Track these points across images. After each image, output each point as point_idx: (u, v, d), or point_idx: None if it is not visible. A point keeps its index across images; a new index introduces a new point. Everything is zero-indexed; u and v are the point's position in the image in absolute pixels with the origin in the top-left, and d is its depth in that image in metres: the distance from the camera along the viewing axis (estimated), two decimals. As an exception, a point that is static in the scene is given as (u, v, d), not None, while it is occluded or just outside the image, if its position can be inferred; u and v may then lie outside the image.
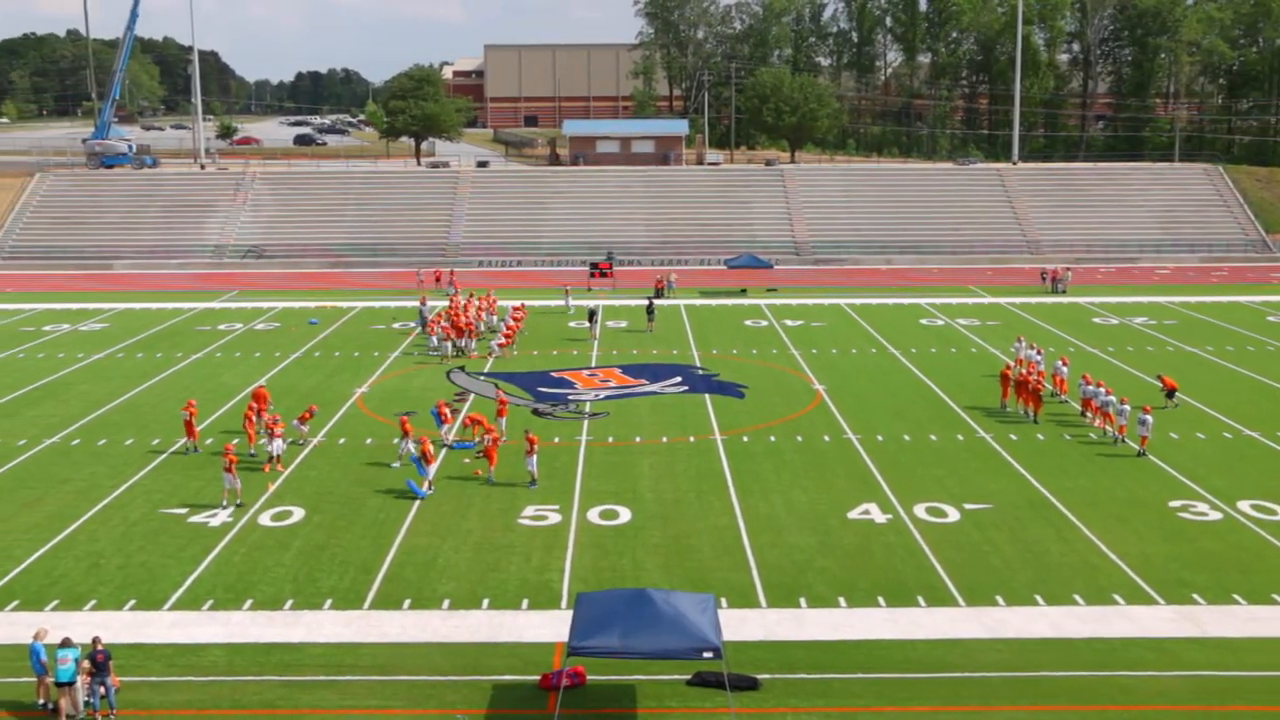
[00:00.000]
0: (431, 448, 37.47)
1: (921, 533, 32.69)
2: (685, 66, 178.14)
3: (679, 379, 52.07)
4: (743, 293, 77.31)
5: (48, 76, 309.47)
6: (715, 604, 24.03)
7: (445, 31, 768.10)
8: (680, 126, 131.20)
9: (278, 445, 38.82)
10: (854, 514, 34.31)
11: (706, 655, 21.92)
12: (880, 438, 42.29)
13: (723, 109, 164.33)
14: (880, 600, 28.26)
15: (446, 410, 42.44)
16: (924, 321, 66.21)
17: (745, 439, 42.31)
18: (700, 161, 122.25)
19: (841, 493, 36.23)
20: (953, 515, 34.10)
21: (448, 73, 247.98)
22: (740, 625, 26.66)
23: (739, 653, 25.12)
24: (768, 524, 33.51)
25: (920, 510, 34.50)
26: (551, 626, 26.81)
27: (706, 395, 49.00)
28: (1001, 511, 34.41)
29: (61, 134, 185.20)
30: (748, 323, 66.27)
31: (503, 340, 57.78)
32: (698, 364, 55.36)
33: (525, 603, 28.30)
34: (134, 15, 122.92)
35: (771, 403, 47.66)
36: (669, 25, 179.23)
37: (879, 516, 34.10)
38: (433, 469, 37.02)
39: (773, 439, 42.27)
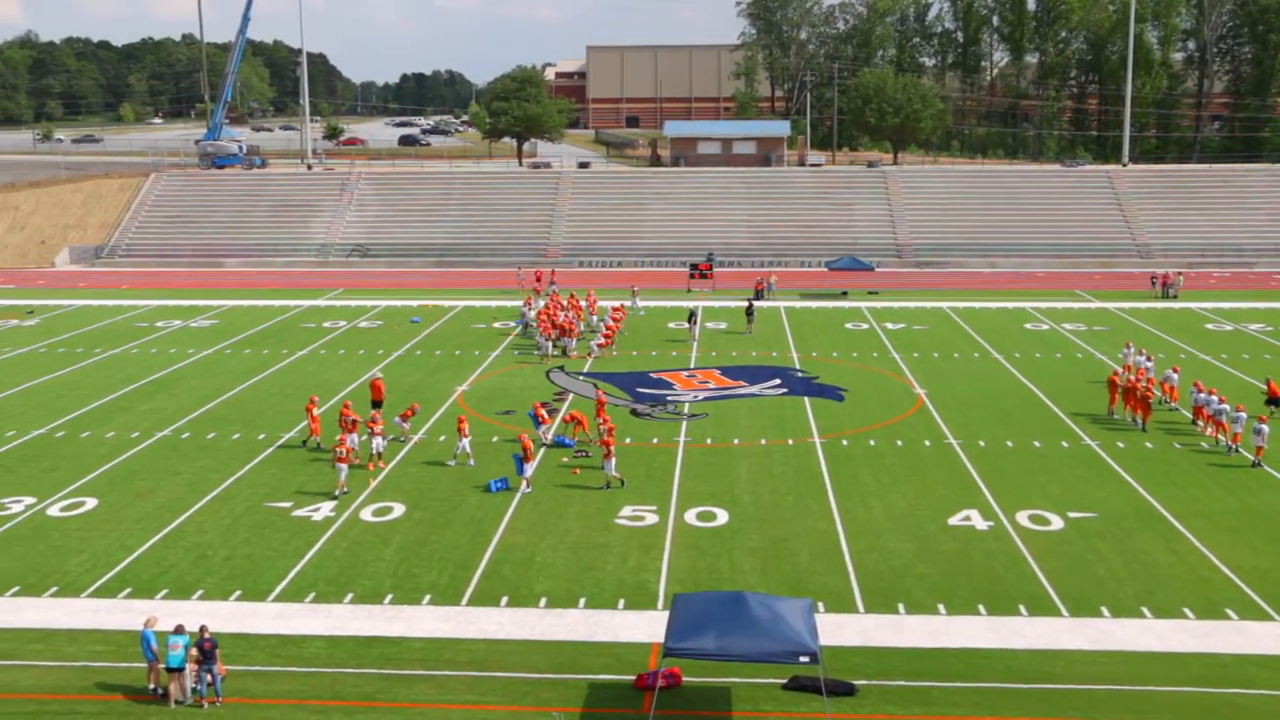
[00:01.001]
0: (532, 445, 37.67)
1: (1024, 540, 32.10)
2: (787, 67, 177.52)
3: (778, 381, 51.79)
4: (843, 295, 76.67)
5: (163, 80, 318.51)
6: (812, 608, 23.84)
7: (548, 32, 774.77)
8: (782, 128, 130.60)
9: (378, 443, 39.36)
10: (954, 520, 33.81)
11: (803, 660, 21.75)
12: (982, 443, 41.63)
13: (825, 110, 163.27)
14: (980, 608, 27.80)
15: (543, 411, 42.63)
16: (1029, 326, 65.07)
17: (844, 442, 41.93)
18: (802, 163, 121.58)
19: (941, 498, 35.73)
20: (1056, 523, 33.44)
21: (550, 74, 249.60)
22: (837, 630, 26.43)
23: (836, 658, 24.90)
24: (866, 528, 33.17)
25: (1023, 518, 33.88)
26: (647, 627, 26.82)
27: (805, 398, 48.67)
28: (1107, 521, 33.64)
29: (175, 135, 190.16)
30: (848, 325, 65.70)
31: (602, 340, 57.96)
32: (797, 366, 55.02)
33: (621, 603, 28.35)
34: (246, 19, 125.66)
35: (871, 406, 47.18)
36: (771, 26, 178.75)
37: (980, 523, 33.55)
38: (531, 468, 37.18)
39: (872, 443, 41.84)
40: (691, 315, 62.42)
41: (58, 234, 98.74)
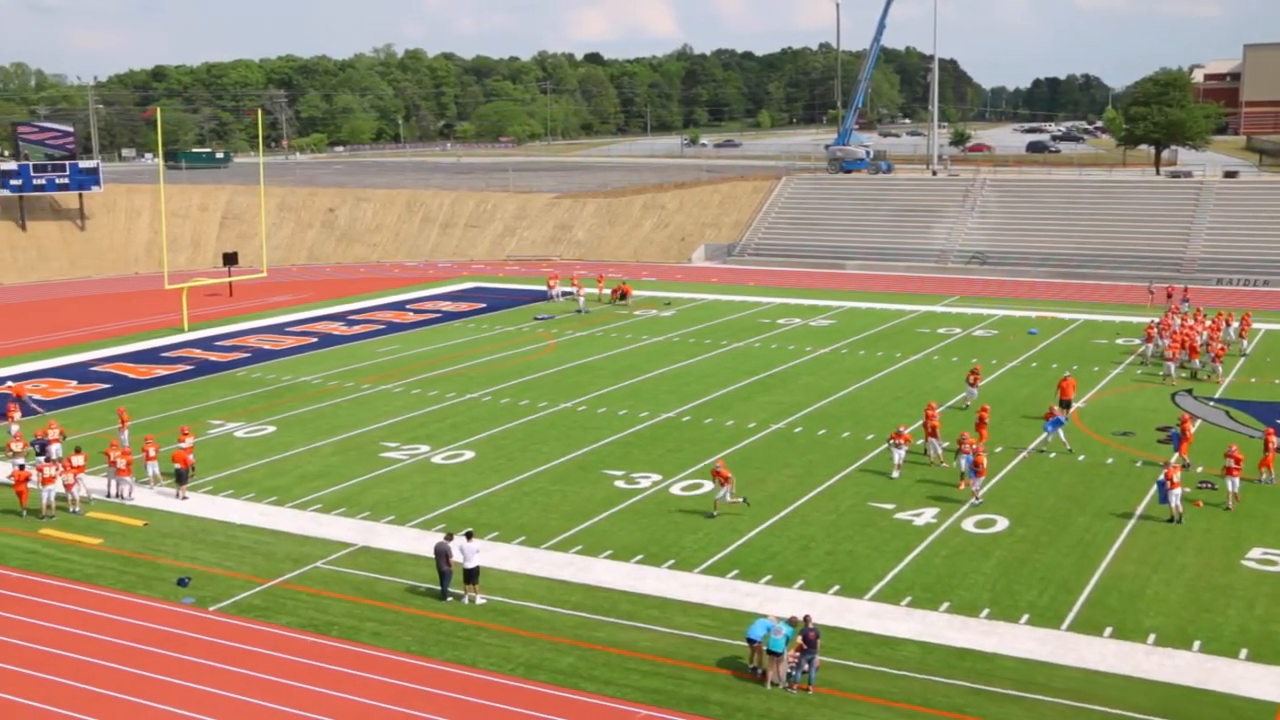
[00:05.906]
0: (1178, 474, 34.84)
1: None
2: None
3: None
4: None
5: (799, 87, 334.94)
6: None
7: (1199, 31, 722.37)
8: None
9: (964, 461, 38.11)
10: None
11: None
12: None
13: None
14: None
15: (1190, 428, 39.77)
16: None
17: None
18: None
19: None
20: None
21: (1198, 75, 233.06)
22: None
23: None
24: None
25: None
26: (1275, 684, 24.23)
27: None
28: None
29: (808, 140, 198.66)
30: None
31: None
32: None
33: (1244, 653, 25.78)
34: (881, 27, 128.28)
35: None
36: None
37: None
38: (1175, 495, 34.29)
39: None
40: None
41: (696, 232, 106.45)
